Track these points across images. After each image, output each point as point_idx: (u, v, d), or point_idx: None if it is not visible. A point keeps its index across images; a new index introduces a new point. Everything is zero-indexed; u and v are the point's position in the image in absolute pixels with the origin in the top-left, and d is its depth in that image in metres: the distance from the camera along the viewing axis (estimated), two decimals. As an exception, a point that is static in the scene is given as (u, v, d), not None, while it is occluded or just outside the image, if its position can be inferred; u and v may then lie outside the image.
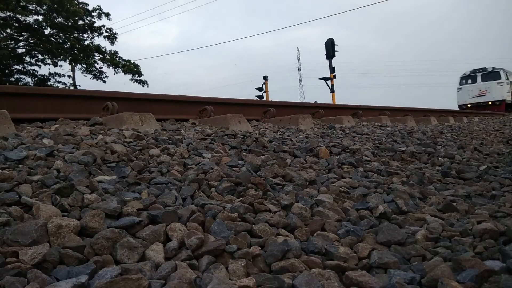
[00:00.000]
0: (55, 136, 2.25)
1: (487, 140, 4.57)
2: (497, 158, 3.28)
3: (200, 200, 1.53)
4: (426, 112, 8.86)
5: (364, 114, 6.91)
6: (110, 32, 19.27)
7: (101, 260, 1.01)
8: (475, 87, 21.37)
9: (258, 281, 1.01)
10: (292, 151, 2.69)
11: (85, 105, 3.69)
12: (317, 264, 1.14)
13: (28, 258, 0.97)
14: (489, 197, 1.98)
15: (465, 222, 1.52)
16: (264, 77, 17.10)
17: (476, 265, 1.06)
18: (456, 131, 5.47)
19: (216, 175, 1.82)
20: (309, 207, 1.60)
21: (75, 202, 1.34)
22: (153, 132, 2.90)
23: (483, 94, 21.02)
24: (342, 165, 2.49)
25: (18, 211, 1.20)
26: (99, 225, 1.17)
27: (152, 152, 2.17)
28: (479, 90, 21.14)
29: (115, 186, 1.57)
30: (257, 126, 4.19)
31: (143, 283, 0.90)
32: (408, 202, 1.78)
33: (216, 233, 1.25)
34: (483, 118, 9.88)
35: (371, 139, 3.76)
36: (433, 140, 4.09)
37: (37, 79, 18.91)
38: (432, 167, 2.78)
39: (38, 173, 1.60)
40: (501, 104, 20.37)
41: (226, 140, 2.86)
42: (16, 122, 2.73)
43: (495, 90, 20.60)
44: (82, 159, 1.82)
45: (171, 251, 1.11)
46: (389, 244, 1.31)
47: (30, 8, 16.29)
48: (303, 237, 1.33)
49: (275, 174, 2.01)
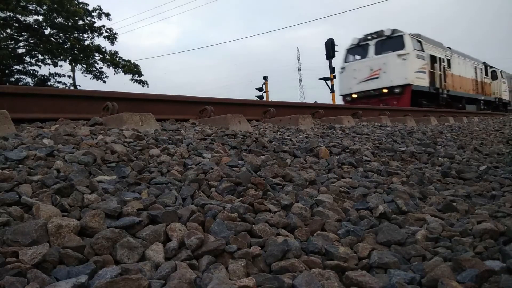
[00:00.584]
0: (55, 136, 2.25)
1: (487, 140, 4.57)
2: (497, 158, 3.28)
3: (200, 200, 1.53)
4: (426, 112, 8.87)
5: (364, 114, 6.91)
6: (110, 32, 19.28)
7: (101, 260, 1.01)
8: (364, 65, 13.01)
9: (258, 281, 1.01)
10: (292, 151, 2.69)
11: (85, 105, 3.68)
12: (317, 264, 1.14)
13: (28, 258, 0.97)
14: (489, 197, 1.98)
15: (465, 222, 1.52)
16: (264, 77, 17.10)
17: (476, 265, 1.06)
18: (456, 131, 5.47)
19: (216, 175, 1.82)
20: (309, 207, 1.60)
21: (75, 202, 1.34)
22: (153, 132, 2.90)
23: (375, 75, 12.65)
24: (342, 165, 2.49)
25: (18, 211, 1.20)
26: (99, 225, 1.17)
27: (152, 152, 2.17)
28: (370, 70, 12.82)
29: (115, 186, 1.57)
30: (257, 126, 4.19)
31: (143, 283, 0.90)
32: (408, 202, 1.78)
33: (216, 233, 1.25)
34: (483, 119, 9.87)
35: (371, 139, 3.76)
36: (433, 140, 4.09)
37: (37, 79, 18.92)
38: (432, 167, 2.78)
39: (38, 173, 1.60)
40: (403, 93, 12.13)
41: (226, 140, 2.86)
42: (16, 122, 2.73)
43: (393, 69, 12.15)
44: (82, 159, 1.82)
45: (171, 251, 1.11)
46: (389, 244, 1.31)
47: (30, 8, 16.30)
48: (303, 237, 1.33)
49: (275, 174, 2.01)
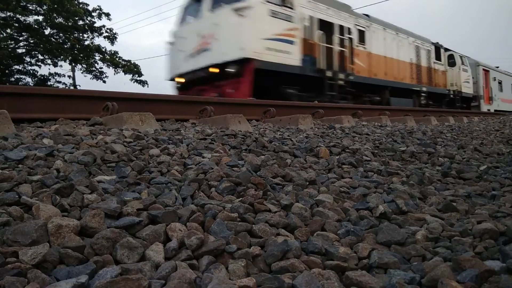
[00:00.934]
0: (55, 136, 2.25)
1: (487, 140, 4.57)
2: (497, 158, 3.28)
3: (200, 200, 1.53)
4: (426, 112, 8.88)
5: (364, 114, 6.91)
6: (110, 32, 19.32)
7: (101, 260, 1.01)
8: (193, 30, 8.61)
9: (258, 281, 1.01)
10: (292, 151, 2.68)
11: (85, 105, 3.69)
12: (317, 264, 1.14)
13: (28, 258, 0.96)
14: (489, 197, 1.98)
15: (465, 222, 1.52)
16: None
17: (476, 265, 1.06)
18: (456, 131, 5.47)
19: (216, 175, 1.82)
20: (309, 207, 1.60)
21: (75, 202, 1.34)
22: (153, 132, 2.90)
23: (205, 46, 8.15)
24: (342, 165, 2.49)
25: (18, 211, 1.20)
26: (99, 225, 1.16)
27: (152, 152, 2.17)
28: (201, 37, 8.26)
29: (115, 186, 1.57)
30: (257, 126, 4.19)
31: (143, 283, 0.90)
32: (408, 202, 1.78)
33: (216, 233, 1.25)
34: (483, 118, 9.87)
35: (371, 139, 3.76)
36: (433, 140, 4.09)
37: (37, 79, 18.95)
38: (432, 167, 2.78)
39: (38, 173, 1.60)
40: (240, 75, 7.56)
41: (226, 140, 2.86)
42: (16, 122, 2.73)
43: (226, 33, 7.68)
44: (82, 159, 1.82)
45: (171, 251, 1.11)
46: (389, 244, 1.31)
47: (30, 8, 16.32)
48: (303, 237, 1.33)
49: (275, 174, 2.01)
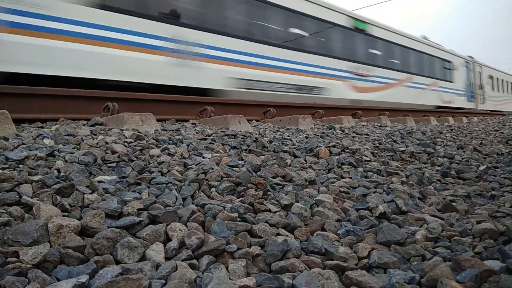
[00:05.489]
0: (55, 136, 2.25)
1: (487, 140, 4.57)
2: (497, 158, 3.28)
3: (200, 200, 1.53)
4: (426, 112, 8.88)
5: (364, 114, 6.92)
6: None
7: (101, 260, 1.01)
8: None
9: (258, 281, 1.01)
10: (292, 151, 2.69)
11: (86, 105, 3.69)
12: (317, 264, 1.14)
13: (29, 258, 0.97)
14: (488, 197, 1.98)
15: (465, 222, 1.52)
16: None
17: (475, 265, 1.06)
18: (456, 131, 5.47)
19: (216, 175, 1.82)
20: (309, 207, 1.60)
21: (76, 202, 1.34)
22: (154, 132, 2.90)
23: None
24: (342, 165, 2.49)
25: (18, 211, 1.20)
26: (99, 225, 1.17)
27: (152, 152, 2.17)
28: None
29: (116, 186, 1.57)
30: (257, 126, 4.19)
31: (144, 283, 0.90)
32: (408, 202, 1.79)
33: (216, 233, 1.25)
34: (482, 119, 9.88)
35: (371, 139, 3.76)
36: (432, 140, 4.09)
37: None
38: (432, 167, 2.79)
39: (38, 173, 1.60)
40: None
41: (226, 140, 2.86)
42: (16, 122, 2.74)
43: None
44: (83, 159, 1.82)
45: (171, 251, 1.11)
46: (388, 244, 1.31)
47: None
48: (303, 237, 1.33)
49: (275, 174, 2.01)
